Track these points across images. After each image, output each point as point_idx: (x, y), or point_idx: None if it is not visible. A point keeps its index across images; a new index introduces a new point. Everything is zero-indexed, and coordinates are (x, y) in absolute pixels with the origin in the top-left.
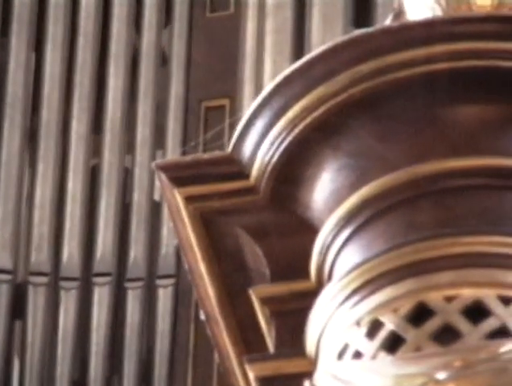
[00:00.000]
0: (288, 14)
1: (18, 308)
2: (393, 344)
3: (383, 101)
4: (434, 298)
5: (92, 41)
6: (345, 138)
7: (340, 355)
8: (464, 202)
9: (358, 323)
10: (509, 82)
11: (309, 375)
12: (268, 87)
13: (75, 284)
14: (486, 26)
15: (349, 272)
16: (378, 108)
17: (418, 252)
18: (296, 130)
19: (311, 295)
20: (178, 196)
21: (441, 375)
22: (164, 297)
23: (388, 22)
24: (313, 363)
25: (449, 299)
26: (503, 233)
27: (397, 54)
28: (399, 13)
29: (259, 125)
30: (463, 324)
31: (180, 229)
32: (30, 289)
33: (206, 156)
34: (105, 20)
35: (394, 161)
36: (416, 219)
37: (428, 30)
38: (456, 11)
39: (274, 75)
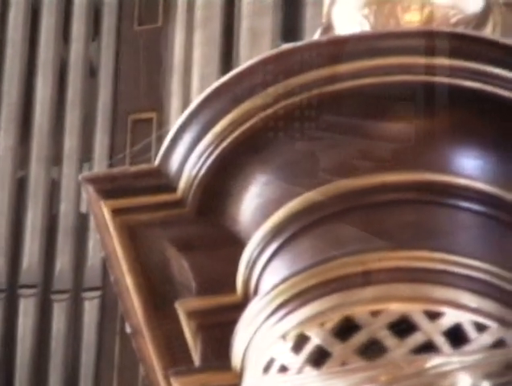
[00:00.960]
0: (216, 27)
1: None
2: (319, 358)
3: (311, 115)
4: (360, 313)
5: (20, 51)
6: (272, 152)
7: (266, 369)
8: (391, 216)
9: (284, 337)
10: (436, 97)
11: None
12: (196, 100)
13: (1, 295)
14: (414, 41)
15: (276, 286)
16: (306, 122)
17: (344, 267)
18: (224, 144)
19: (238, 309)
20: (105, 208)
21: None
22: (90, 310)
23: (316, 36)
24: (239, 376)
25: (375, 314)
26: (430, 248)
27: (325, 68)
28: (328, 27)
29: (187, 138)
30: (389, 339)
31: (107, 241)
32: None
33: (133, 169)
34: (33, 31)
35: (321, 175)
36: (343, 234)
37: (356, 45)
38: (384, 26)
39: (201, 89)
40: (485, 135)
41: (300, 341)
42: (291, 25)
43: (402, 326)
